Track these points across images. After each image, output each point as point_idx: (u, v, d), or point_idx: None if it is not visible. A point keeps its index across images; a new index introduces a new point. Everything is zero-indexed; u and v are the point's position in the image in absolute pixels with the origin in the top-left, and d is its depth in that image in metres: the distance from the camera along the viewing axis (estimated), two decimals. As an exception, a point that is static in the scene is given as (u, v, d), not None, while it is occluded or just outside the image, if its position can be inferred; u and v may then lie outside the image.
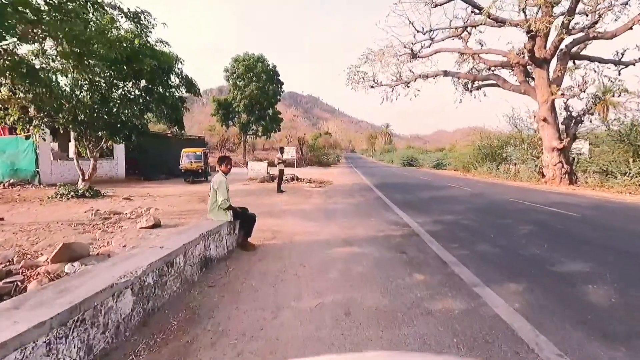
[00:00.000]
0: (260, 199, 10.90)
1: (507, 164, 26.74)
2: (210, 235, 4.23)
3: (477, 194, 13.02)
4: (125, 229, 6.36)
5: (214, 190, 4.83)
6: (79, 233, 6.09)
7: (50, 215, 7.82)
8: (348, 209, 8.88)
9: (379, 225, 6.72)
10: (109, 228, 6.53)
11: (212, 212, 4.90)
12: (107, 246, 5.35)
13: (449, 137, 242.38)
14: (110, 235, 5.89)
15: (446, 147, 79.79)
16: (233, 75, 39.13)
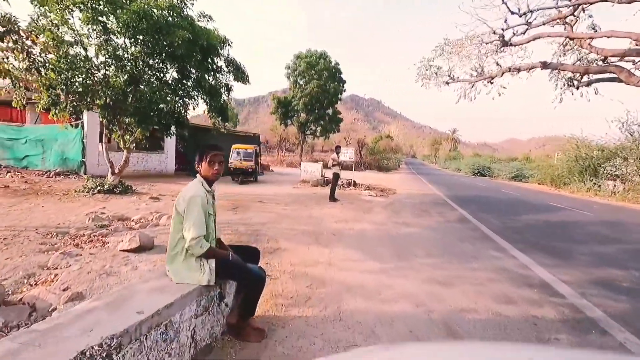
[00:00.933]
0: (307, 210, 8.54)
1: (617, 180, 21.36)
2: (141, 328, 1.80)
3: (613, 223, 9.27)
4: (101, 250, 4.37)
5: (177, 214, 2.40)
6: (38, 252, 4.22)
7: (48, 215, 6.28)
8: (427, 238, 6.09)
9: (496, 285, 3.85)
10: (86, 245, 4.62)
11: (174, 262, 2.40)
12: (45, 285, 3.34)
13: (522, 146, 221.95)
14: (70, 261, 3.90)
15: (519, 157, 71.26)
16: (294, 73, 37.80)
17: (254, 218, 6.94)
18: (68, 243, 4.71)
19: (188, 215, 2.30)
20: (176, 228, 2.38)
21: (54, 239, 4.86)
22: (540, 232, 7.19)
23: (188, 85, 10.12)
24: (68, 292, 3.17)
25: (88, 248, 4.50)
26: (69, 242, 4.74)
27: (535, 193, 19.79)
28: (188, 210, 2.31)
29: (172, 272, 2.36)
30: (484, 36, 19.65)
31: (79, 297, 3.11)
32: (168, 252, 2.42)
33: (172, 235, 2.41)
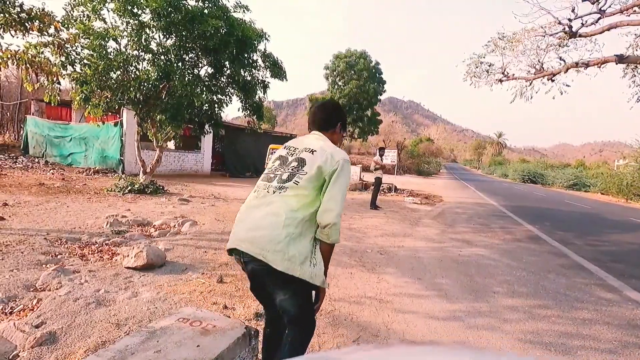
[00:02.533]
0: (346, 219, 7.53)
1: None
2: None
3: None
4: (104, 266, 3.65)
5: (318, 174, 1.51)
6: (35, 265, 3.58)
7: (68, 217, 5.80)
8: (502, 265, 4.84)
9: (636, 354, 2.61)
10: (93, 256, 3.95)
11: (293, 240, 1.42)
12: (18, 316, 2.62)
13: (575, 152, 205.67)
14: (63, 280, 3.20)
15: (572, 163, 65.22)
16: (333, 73, 37.04)
17: (287, 228, 6.05)
18: (74, 253, 4.06)
19: (338, 182, 1.52)
20: (308, 192, 1.52)
21: (61, 247, 4.25)
22: None
23: (222, 81, 9.51)
24: (41, 329, 2.41)
25: (93, 261, 3.82)
26: (75, 252, 4.10)
27: (605, 205, 17.33)
28: (340, 176, 1.53)
29: (280, 254, 1.40)
30: (546, 28, 17.55)
31: (51, 340, 2.34)
32: (283, 225, 1.44)
33: (294, 199, 1.50)
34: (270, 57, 10.70)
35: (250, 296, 3.07)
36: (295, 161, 1.61)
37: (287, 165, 1.62)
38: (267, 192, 1.55)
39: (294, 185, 1.51)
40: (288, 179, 1.54)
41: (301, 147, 1.68)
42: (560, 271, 4.58)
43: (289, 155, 1.67)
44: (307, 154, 1.61)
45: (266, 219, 1.46)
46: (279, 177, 1.58)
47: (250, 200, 1.62)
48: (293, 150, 1.69)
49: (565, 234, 7.47)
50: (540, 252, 5.71)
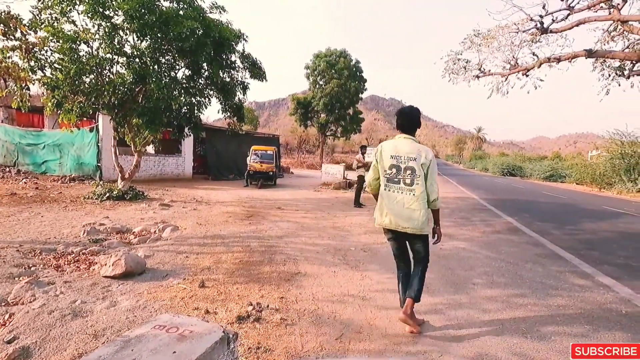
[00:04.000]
0: (330, 218, 7.55)
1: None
2: None
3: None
4: (81, 276, 3.55)
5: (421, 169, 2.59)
6: (7, 278, 3.44)
7: (43, 227, 5.61)
8: (481, 257, 4.96)
9: (607, 339, 2.72)
10: (69, 267, 3.83)
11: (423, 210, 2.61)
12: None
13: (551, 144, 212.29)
14: (37, 292, 3.09)
15: (548, 155, 67.32)
16: (314, 73, 36.96)
17: (270, 229, 6.02)
18: (49, 264, 3.93)
19: (432, 172, 2.60)
20: (421, 185, 2.57)
21: (35, 258, 4.10)
22: (619, 247, 5.87)
23: (200, 83, 9.37)
24: (13, 345, 2.33)
25: (69, 271, 3.70)
26: (50, 263, 3.96)
27: (580, 195, 17.98)
28: (432, 167, 2.59)
29: (422, 217, 2.55)
30: (519, 24, 18.02)
31: (24, 355, 2.26)
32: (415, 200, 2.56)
33: (422, 186, 2.56)
34: (249, 57, 10.62)
35: (233, 299, 3.05)
36: (408, 169, 2.57)
37: (404, 173, 2.59)
38: (400, 188, 2.60)
39: (415, 186, 2.56)
40: (410, 183, 2.57)
41: (404, 156, 2.59)
42: (537, 260, 4.73)
43: (400, 164, 2.61)
44: (413, 163, 2.56)
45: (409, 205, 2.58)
46: (402, 180, 2.60)
47: (388, 193, 2.66)
48: (398, 159, 2.61)
49: (543, 225, 7.71)
50: (519, 242, 5.88)
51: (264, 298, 3.09)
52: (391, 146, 2.65)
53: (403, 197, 2.58)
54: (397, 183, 2.60)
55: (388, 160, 2.63)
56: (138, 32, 7.87)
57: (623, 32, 16.80)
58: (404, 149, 2.59)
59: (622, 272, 4.34)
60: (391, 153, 2.62)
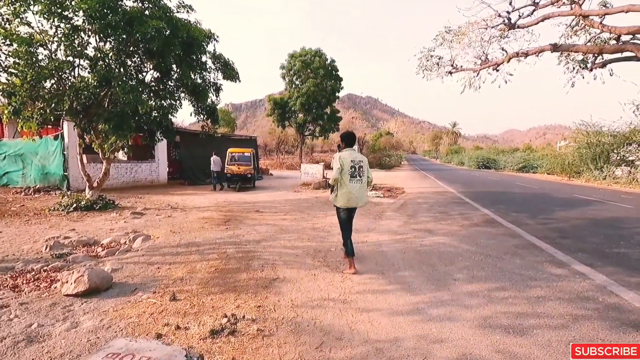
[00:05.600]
0: (310, 219, 7.43)
1: (631, 167, 20.21)
2: None
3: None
4: (40, 296, 3.27)
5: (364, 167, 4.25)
6: (-47, 303, 3.12)
7: (1, 243, 5.22)
8: (461, 252, 4.97)
9: (588, 328, 2.73)
10: (28, 286, 3.54)
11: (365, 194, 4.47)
12: None
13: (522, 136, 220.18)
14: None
15: (520, 147, 69.72)
16: (289, 73, 36.68)
17: (248, 234, 5.83)
18: (5, 285, 3.62)
19: (368, 168, 4.28)
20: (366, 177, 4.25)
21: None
22: (590, 233, 6.04)
23: (170, 85, 9.03)
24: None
25: (27, 291, 3.41)
26: (6, 283, 3.66)
27: (552, 184, 18.62)
28: (367, 165, 4.27)
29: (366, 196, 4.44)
30: (488, 20, 18.48)
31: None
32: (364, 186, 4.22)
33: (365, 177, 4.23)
34: (220, 58, 10.35)
35: (207, 312, 2.88)
36: (361, 168, 4.06)
37: (359, 170, 4.06)
38: (357, 181, 4.04)
39: (363, 177, 4.11)
40: (362, 175, 4.08)
41: (357, 160, 4.07)
42: (514, 252, 4.78)
43: (356, 165, 4.03)
44: (362, 164, 4.10)
45: (361, 191, 4.09)
46: (358, 175, 4.05)
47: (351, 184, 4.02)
48: (355, 162, 4.03)
49: (518, 216, 7.88)
50: (497, 234, 5.95)
51: (240, 308, 2.93)
52: (348, 155, 4.10)
53: (359, 186, 4.09)
54: (356, 177, 4.07)
55: (349, 164, 4.02)
56: (100, 33, 7.49)
57: (585, 26, 17.56)
58: (356, 157, 4.13)
59: (595, 259, 4.44)
60: (350, 159, 4.06)
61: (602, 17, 16.07)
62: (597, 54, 17.26)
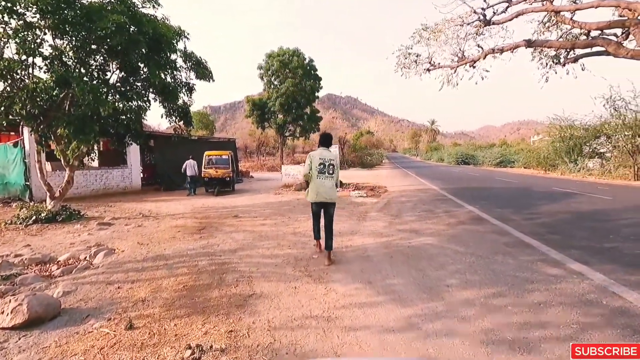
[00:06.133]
0: (291, 223, 7.05)
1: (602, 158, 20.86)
2: None
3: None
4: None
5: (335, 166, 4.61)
6: None
7: None
8: (450, 253, 4.71)
9: (597, 335, 2.49)
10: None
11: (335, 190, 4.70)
12: None
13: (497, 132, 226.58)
14: None
15: (496, 143, 71.57)
16: (268, 73, 36.10)
17: (223, 243, 5.39)
18: None
19: (338, 167, 4.77)
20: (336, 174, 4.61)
21: None
22: (577, 228, 5.92)
23: (137, 86, 8.45)
24: None
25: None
26: None
27: (530, 178, 18.91)
28: (338, 165, 4.78)
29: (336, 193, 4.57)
30: (464, 17, 18.58)
31: None
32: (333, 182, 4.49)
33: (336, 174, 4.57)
34: (192, 56, 9.84)
35: (168, 342, 2.46)
36: (331, 166, 4.35)
37: (328, 167, 4.34)
38: (326, 177, 4.32)
39: (334, 175, 4.41)
40: (332, 172, 4.37)
41: (328, 159, 4.35)
42: (506, 251, 4.56)
43: (326, 162, 4.33)
44: (332, 162, 4.38)
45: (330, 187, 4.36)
46: (327, 171, 4.32)
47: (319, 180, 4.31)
48: (324, 161, 4.32)
49: (503, 211, 7.75)
50: (484, 232, 5.75)
51: (208, 335, 2.53)
52: (318, 153, 4.40)
53: (328, 181, 4.35)
54: (324, 173, 4.34)
55: (318, 161, 4.34)
56: (56, 30, 6.87)
57: (556, 22, 17.94)
58: (326, 155, 4.39)
59: (588, 255, 4.27)
60: (320, 157, 4.36)
61: (572, 13, 16.44)
62: (570, 48, 17.67)
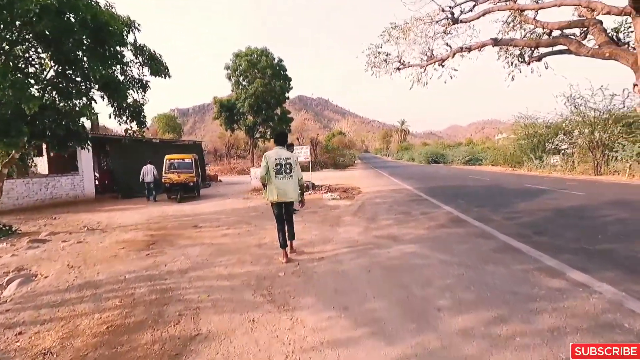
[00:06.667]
0: (256, 232, 6.31)
1: (563, 155, 21.56)
2: None
3: (621, 202, 8.09)
4: None
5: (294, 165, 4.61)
6: None
7: None
8: (436, 264, 4.16)
9: None
10: None
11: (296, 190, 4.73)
12: None
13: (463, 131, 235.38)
14: None
15: (463, 142, 73.91)
16: (235, 73, 34.86)
17: (173, 261, 4.58)
18: None
19: (298, 165, 4.60)
20: (295, 174, 4.51)
21: None
22: (562, 227, 5.60)
23: (76, 80, 7.40)
24: None
25: None
26: None
27: (500, 175, 19.12)
28: (297, 163, 4.55)
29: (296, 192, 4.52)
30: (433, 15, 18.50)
31: None
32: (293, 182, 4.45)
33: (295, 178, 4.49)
34: (144, 50, 8.86)
35: None
36: (287, 165, 4.36)
37: (285, 167, 4.35)
38: (284, 177, 4.34)
39: (292, 174, 4.41)
40: (290, 171, 4.38)
41: (284, 158, 4.37)
42: (496, 259, 4.07)
43: (282, 162, 4.35)
44: (289, 161, 4.39)
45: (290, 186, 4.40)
46: (284, 171, 4.34)
47: (277, 180, 4.32)
48: (281, 160, 4.34)
49: (481, 211, 7.39)
50: (467, 236, 5.28)
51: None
52: (274, 153, 4.35)
53: (286, 181, 4.31)
54: (282, 173, 4.29)
55: (274, 162, 4.28)
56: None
57: (520, 22, 18.23)
58: (282, 154, 4.35)
59: (584, 260, 3.86)
60: (275, 157, 4.30)
61: (536, 12, 16.74)
62: (534, 47, 18.00)
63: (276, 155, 4.32)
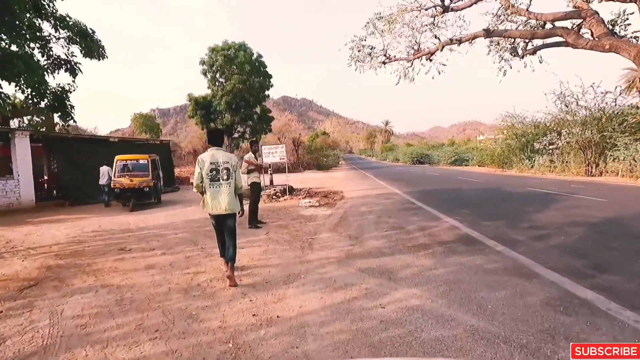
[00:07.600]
0: (199, 259, 4.54)
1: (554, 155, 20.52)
2: None
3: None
4: None
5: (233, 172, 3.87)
6: None
7: None
8: (464, 337, 2.51)
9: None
10: None
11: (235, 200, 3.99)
12: None
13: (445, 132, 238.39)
14: None
15: (445, 142, 73.70)
16: (212, 69, 32.72)
17: (23, 331, 2.76)
18: None
19: (238, 171, 3.85)
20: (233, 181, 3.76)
21: None
22: (626, 257, 3.96)
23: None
24: None
25: None
26: None
27: (491, 177, 17.87)
28: (237, 168, 3.81)
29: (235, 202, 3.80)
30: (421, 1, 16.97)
31: None
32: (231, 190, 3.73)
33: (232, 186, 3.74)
34: (70, 24, 6.99)
35: None
36: (225, 170, 3.66)
37: (221, 172, 3.65)
38: (220, 184, 3.64)
39: (231, 180, 3.67)
40: (228, 178, 3.66)
41: (221, 162, 3.66)
42: (558, 323, 2.46)
43: (218, 167, 3.65)
44: (227, 165, 3.67)
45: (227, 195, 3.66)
46: (220, 177, 3.64)
47: (212, 189, 3.64)
48: (217, 164, 3.63)
49: (494, 225, 5.83)
50: (495, 272, 3.65)
51: None
52: (209, 156, 3.68)
53: (221, 190, 3.68)
54: (217, 181, 3.68)
55: (209, 166, 3.64)
56: None
57: (511, 14, 16.85)
58: (219, 157, 3.69)
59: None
60: (210, 160, 3.66)
61: (529, 3, 15.43)
62: (530, 38, 16.64)
63: (212, 158, 3.66)
